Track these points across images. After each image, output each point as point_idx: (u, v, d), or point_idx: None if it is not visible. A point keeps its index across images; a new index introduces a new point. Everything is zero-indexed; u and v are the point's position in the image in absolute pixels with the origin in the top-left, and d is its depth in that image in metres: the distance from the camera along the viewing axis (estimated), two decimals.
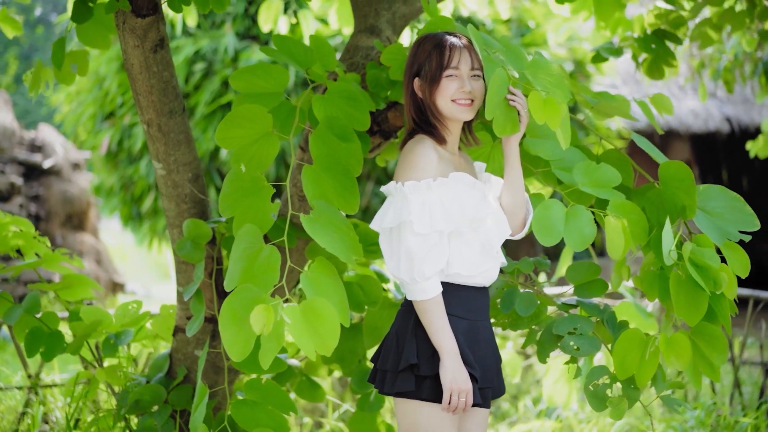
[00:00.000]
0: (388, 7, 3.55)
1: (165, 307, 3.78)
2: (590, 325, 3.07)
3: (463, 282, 2.66)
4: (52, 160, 11.46)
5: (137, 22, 3.10)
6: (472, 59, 2.68)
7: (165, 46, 3.22)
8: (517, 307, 3.18)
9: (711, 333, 2.79)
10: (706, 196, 2.87)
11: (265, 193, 2.83)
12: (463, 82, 2.66)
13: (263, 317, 2.40)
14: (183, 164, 3.38)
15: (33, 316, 3.65)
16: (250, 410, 3.20)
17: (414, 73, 2.71)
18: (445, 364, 2.56)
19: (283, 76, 3.00)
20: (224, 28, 8.47)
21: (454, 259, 2.62)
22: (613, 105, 3.09)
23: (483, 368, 2.67)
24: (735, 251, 2.81)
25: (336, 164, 2.84)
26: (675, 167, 2.86)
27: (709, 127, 10.79)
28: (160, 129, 3.31)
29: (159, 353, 3.90)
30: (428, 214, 2.56)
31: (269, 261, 2.61)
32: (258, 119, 2.85)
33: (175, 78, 3.32)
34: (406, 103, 2.74)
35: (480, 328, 2.70)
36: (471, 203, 2.61)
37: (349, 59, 3.45)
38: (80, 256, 11.46)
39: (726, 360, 2.82)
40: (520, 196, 2.71)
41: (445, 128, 2.71)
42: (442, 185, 2.60)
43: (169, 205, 3.45)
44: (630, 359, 2.83)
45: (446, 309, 2.61)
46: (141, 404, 3.54)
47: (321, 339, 2.49)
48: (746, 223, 2.84)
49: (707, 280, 2.68)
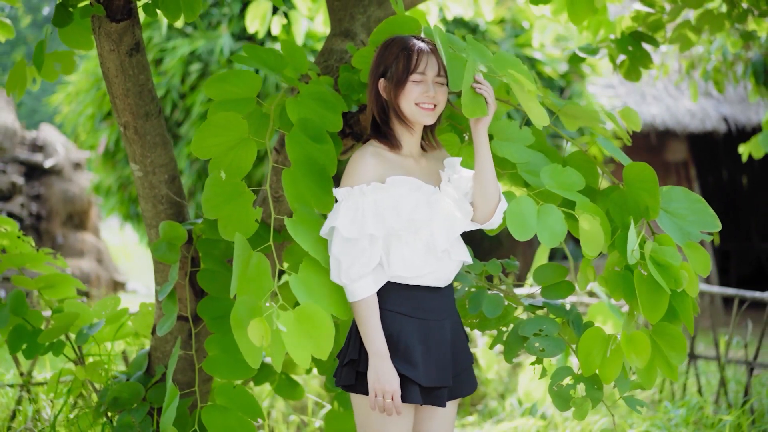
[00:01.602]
0: (363, 11, 3.60)
1: (144, 304, 3.83)
2: (555, 326, 3.13)
3: (412, 282, 2.71)
4: (53, 160, 11.54)
5: (112, 26, 3.16)
6: (438, 65, 2.75)
7: (141, 50, 3.28)
8: (484, 309, 3.23)
9: (671, 333, 2.85)
10: (668, 198, 2.93)
11: (246, 198, 2.89)
12: (428, 87, 2.72)
13: (260, 330, 2.47)
14: (159, 166, 3.44)
15: (16, 314, 3.70)
16: (221, 416, 3.28)
17: (380, 74, 2.77)
18: (372, 364, 2.63)
19: (255, 81, 3.05)
20: (220, 29, 8.54)
21: (395, 261, 2.68)
22: (581, 110, 3.14)
23: (437, 368, 2.71)
24: (696, 251, 2.88)
25: (312, 165, 2.91)
26: (639, 169, 2.91)
27: (706, 127, 10.78)
28: (137, 131, 3.36)
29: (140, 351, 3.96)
30: (359, 218, 2.64)
31: (259, 268, 2.67)
32: (233, 126, 2.90)
33: (151, 81, 3.38)
34: (370, 103, 2.80)
35: (434, 328, 2.74)
36: (409, 206, 2.66)
37: (324, 62, 3.51)
38: (81, 255, 11.54)
39: (684, 360, 2.88)
40: (489, 183, 2.74)
41: (406, 130, 2.77)
42: (377, 189, 2.66)
43: (146, 206, 3.51)
44: (593, 357, 2.89)
45: (395, 308, 2.69)
46: (120, 402, 3.59)
47: (317, 344, 2.56)
48: (708, 224, 2.91)
49: (668, 279, 2.74)
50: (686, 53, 7.05)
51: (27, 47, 26.29)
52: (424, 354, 2.70)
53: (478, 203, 2.77)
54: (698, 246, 2.86)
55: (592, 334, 2.90)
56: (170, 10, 3.12)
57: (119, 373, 3.82)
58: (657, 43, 4.20)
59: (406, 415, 2.71)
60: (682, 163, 11.49)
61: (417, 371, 2.67)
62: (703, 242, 10.27)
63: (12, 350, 3.69)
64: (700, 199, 2.94)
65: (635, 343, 2.80)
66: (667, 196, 2.92)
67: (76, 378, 3.91)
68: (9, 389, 4.92)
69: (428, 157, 2.86)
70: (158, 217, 3.50)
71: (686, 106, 10.76)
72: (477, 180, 2.74)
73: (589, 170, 3.12)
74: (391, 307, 2.70)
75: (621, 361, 2.86)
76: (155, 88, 3.41)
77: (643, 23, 4.32)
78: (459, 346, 2.83)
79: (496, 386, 6.14)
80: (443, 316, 2.79)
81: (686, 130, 10.82)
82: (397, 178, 2.69)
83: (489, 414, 5.92)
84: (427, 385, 2.69)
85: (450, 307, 2.83)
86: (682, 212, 2.91)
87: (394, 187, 2.68)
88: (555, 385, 3.02)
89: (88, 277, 11.25)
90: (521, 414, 5.69)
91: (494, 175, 2.74)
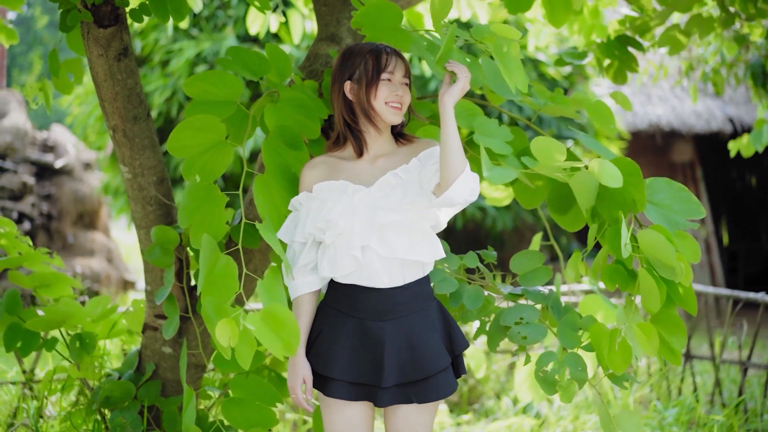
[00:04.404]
0: (349, 16, 3.66)
1: (136, 302, 3.90)
2: (535, 313, 3.19)
3: (343, 281, 2.84)
4: (63, 160, 11.66)
5: (100, 32, 3.23)
6: (405, 67, 2.86)
7: (129, 55, 3.35)
8: (465, 302, 3.29)
9: (670, 319, 2.93)
10: (653, 189, 2.97)
11: (218, 201, 2.96)
12: (396, 87, 2.83)
13: (227, 331, 2.54)
14: (148, 168, 3.51)
15: (11, 313, 3.77)
16: (240, 408, 3.32)
17: (345, 79, 2.85)
18: (290, 361, 2.88)
19: (236, 84, 3.11)
20: (226, 31, 8.63)
21: (322, 262, 2.83)
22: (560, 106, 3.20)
23: (362, 366, 2.81)
24: (685, 240, 2.91)
25: (285, 172, 2.98)
26: (623, 164, 2.95)
27: (712, 128, 10.79)
28: (125, 134, 3.44)
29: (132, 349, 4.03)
30: (290, 226, 2.88)
31: (226, 270, 2.73)
32: (210, 128, 2.97)
33: (140, 85, 3.45)
34: (337, 107, 2.88)
35: (371, 328, 2.81)
36: (327, 209, 2.79)
37: (309, 66, 3.57)
38: (92, 255, 11.65)
39: (685, 344, 2.95)
40: (450, 152, 2.69)
41: (373, 130, 2.87)
42: (307, 198, 2.85)
43: (136, 207, 3.58)
44: (602, 349, 2.95)
45: (333, 304, 2.86)
46: (111, 400, 3.67)
47: (283, 342, 2.61)
48: (693, 212, 2.95)
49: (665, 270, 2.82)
50: (685, 55, 7.08)
51: (44, 48, 26.50)
52: (350, 351, 2.81)
53: (441, 173, 2.73)
54: (686, 234, 2.90)
55: (596, 330, 2.96)
56: (159, 13, 3.21)
57: (112, 371, 3.89)
58: (642, 47, 4.24)
59: (343, 410, 2.85)
60: (689, 163, 11.50)
61: (331, 366, 2.81)
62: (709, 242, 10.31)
63: (7, 348, 3.76)
64: (683, 187, 2.98)
65: (643, 334, 2.87)
66: (651, 188, 2.97)
67: (69, 376, 3.98)
68: (12, 387, 5.02)
69: (398, 153, 2.90)
70: (147, 218, 3.57)
71: (692, 107, 10.77)
72: (441, 150, 2.72)
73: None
74: (330, 303, 2.88)
75: (630, 352, 2.90)
76: (153, 91, 3.49)
77: (630, 26, 4.35)
78: (422, 352, 2.83)
79: (493, 385, 6.19)
80: (384, 318, 2.82)
81: (692, 131, 10.84)
82: (324, 184, 2.83)
83: (485, 413, 5.97)
84: (340, 378, 2.80)
85: (399, 310, 2.84)
86: (667, 202, 2.95)
87: (321, 193, 2.83)
88: (540, 370, 3.07)
89: (98, 276, 11.36)
90: (515, 413, 5.74)
91: (458, 147, 2.69)
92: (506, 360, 6.36)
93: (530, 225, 10.15)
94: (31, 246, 4.05)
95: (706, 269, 11.41)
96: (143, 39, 8.98)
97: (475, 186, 2.73)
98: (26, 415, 4.56)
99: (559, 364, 3.05)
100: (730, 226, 13.69)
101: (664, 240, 2.77)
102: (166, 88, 8.54)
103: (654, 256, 2.81)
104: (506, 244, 10.39)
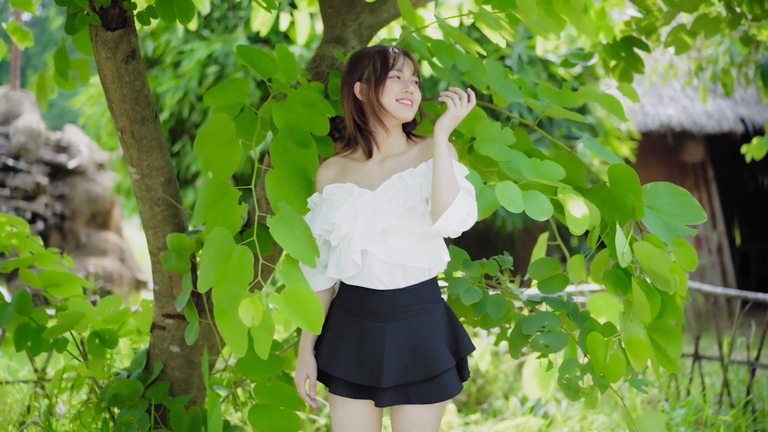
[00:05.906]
0: (355, 18, 3.69)
1: (146, 302, 3.92)
2: (557, 320, 3.21)
3: (349, 282, 2.89)
4: (77, 161, 11.74)
5: (108, 35, 3.27)
6: (413, 66, 2.89)
7: (137, 57, 3.39)
8: (489, 311, 3.32)
9: (665, 327, 2.94)
10: (654, 194, 2.97)
11: (232, 196, 2.98)
12: (406, 84, 2.85)
13: (251, 309, 2.52)
14: (155, 169, 3.55)
15: (21, 313, 3.81)
16: (267, 415, 3.36)
17: (355, 80, 2.88)
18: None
19: (243, 86, 3.16)
20: (236, 32, 8.67)
21: (329, 264, 2.89)
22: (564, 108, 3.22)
23: (362, 366, 2.83)
24: (683, 247, 2.92)
25: (295, 168, 3.01)
26: (621, 170, 2.97)
27: (723, 128, 10.76)
28: (133, 136, 3.47)
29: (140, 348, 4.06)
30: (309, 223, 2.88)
31: (242, 260, 2.73)
32: (222, 127, 3.03)
33: (147, 87, 3.48)
34: (347, 109, 2.91)
35: (372, 329, 2.85)
36: (333, 211, 2.83)
37: (315, 68, 3.60)
38: (104, 255, 11.72)
39: (680, 350, 2.95)
40: (439, 185, 2.69)
41: (383, 130, 2.89)
42: (319, 199, 2.90)
43: (144, 208, 3.61)
44: (598, 357, 2.97)
45: (342, 303, 2.91)
46: (119, 398, 3.70)
47: (306, 319, 2.60)
48: (693, 217, 2.94)
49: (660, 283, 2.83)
50: (695, 55, 7.07)
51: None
52: (351, 350, 2.86)
53: (431, 203, 2.74)
54: (684, 242, 2.91)
55: (593, 339, 2.96)
56: (165, 15, 3.25)
57: (121, 370, 3.93)
58: (648, 48, 4.24)
59: (346, 407, 2.91)
60: (700, 164, 11.46)
61: (334, 364, 2.87)
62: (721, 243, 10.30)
63: (18, 348, 3.79)
64: (685, 192, 2.97)
65: (633, 347, 2.87)
66: (652, 193, 2.97)
67: (79, 375, 4.02)
68: (24, 385, 5.07)
69: (408, 153, 2.91)
70: (155, 219, 3.61)
71: (703, 107, 10.73)
72: (432, 180, 2.73)
73: (575, 169, 3.19)
74: (339, 302, 2.93)
75: (622, 364, 2.93)
76: (165, 92, 3.52)
77: (636, 27, 4.35)
78: (424, 353, 2.84)
79: (501, 385, 6.21)
80: (386, 319, 2.84)
81: (703, 131, 10.80)
82: (333, 186, 2.87)
83: (493, 413, 5.99)
84: (342, 377, 2.85)
85: (402, 311, 2.86)
86: (667, 207, 2.95)
87: (330, 195, 2.87)
88: (563, 378, 3.10)
89: (111, 276, 11.43)
90: (523, 413, 5.75)
91: (448, 180, 2.70)
92: (514, 360, 6.36)
93: (540, 225, 10.15)
94: (42, 246, 4.09)
95: (718, 270, 11.38)
96: (155, 40, 9.03)
97: (471, 212, 2.74)
98: (37, 413, 4.61)
99: (582, 371, 3.07)
100: (742, 227, 13.65)
101: (659, 252, 2.78)
102: (177, 89, 8.58)
103: (650, 268, 2.83)
104: (516, 244, 10.39)
